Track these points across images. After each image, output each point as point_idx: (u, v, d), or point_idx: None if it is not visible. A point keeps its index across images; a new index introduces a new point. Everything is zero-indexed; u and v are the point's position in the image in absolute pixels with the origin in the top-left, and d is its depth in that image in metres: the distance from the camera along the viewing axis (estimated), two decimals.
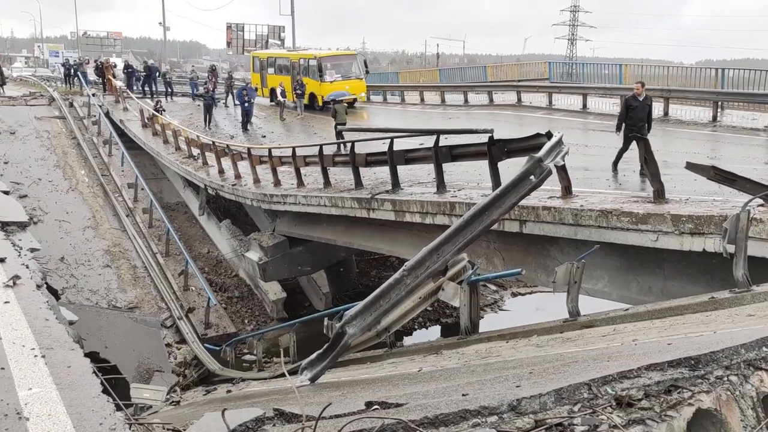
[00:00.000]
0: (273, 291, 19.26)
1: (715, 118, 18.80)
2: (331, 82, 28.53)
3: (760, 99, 18.43)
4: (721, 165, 9.76)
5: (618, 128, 12.07)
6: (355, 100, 29.03)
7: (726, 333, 4.06)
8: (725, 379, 3.16)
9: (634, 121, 11.76)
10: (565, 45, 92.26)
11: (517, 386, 3.45)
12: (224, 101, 32.48)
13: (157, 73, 36.07)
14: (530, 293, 21.86)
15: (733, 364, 3.21)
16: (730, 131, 17.49)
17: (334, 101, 22.34)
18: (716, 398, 3.07)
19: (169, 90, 35.13)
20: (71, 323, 5.21)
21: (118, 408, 3.32)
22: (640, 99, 11.79)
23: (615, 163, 11.98)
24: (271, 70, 32.63)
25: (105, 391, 3.41)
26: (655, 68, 27.26)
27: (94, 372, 3.57)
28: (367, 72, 30.49)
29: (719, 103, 19.19)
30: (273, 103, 30.17)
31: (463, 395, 3.52)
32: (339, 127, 19.97)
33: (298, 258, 18.40)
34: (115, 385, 3.91)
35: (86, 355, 4.02)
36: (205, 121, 26.55)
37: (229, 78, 34.05)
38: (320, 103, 28.54)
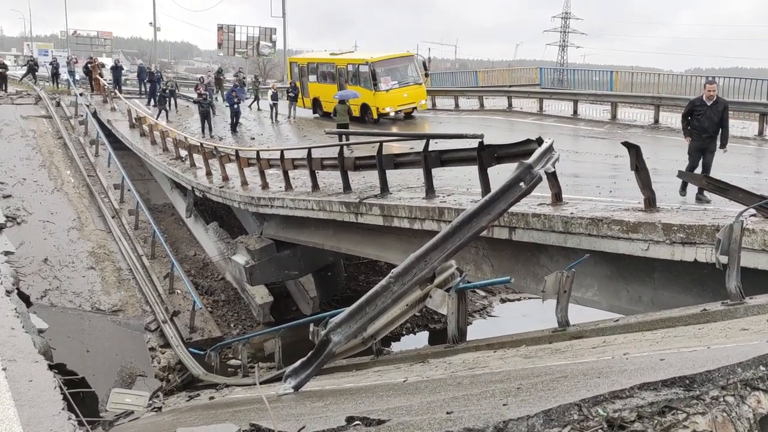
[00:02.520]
0: (260, 295, 19.05)
1: None
2: (387, 90, 24.51)
3: (750, 108, 18.43)
4: (712, 174, 9.69)
5: (686, 134, 10.07)
6: (414, 108, 25.54)
7: (720, 349, 3.93)
8: (721, 399, 3.02)
9: (699, 130, 9.64)
10: (556, 51, 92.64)
11: (503, 404, 3.30)
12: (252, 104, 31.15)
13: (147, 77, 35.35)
14: (519, 299, 21.75)
15: (729, 383, 3.07)
16: None
17: (339, 102, 22.07)
18: (712, 420, 2.93)
19: (172, 99, 30.74)
20: (41, 331, 4.99)
21: (81, 424, 3.13)
22: (709, 103, 9.56)
23: (684, 186, 9.55)
24: (312, 78, 28.37)
25: (69, 407, 3.22)
26: (646, 75, 27.26)
27: (59, 386, 3.38)
28: (426, 75, 26.43)
29: None
30: (317, 116, 27.19)
31: (447, 413, 3.37)
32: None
33: (285, 262, 18.20)
34: (83, 399, 3.71)
35: (53, 366, 3.82)
36: (203, 128, 25.05)
37: (256, 82, 32.49)
38: (375, 116, 24.67)
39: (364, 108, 25.03)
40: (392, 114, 24.72)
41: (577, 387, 3.42)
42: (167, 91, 29.88)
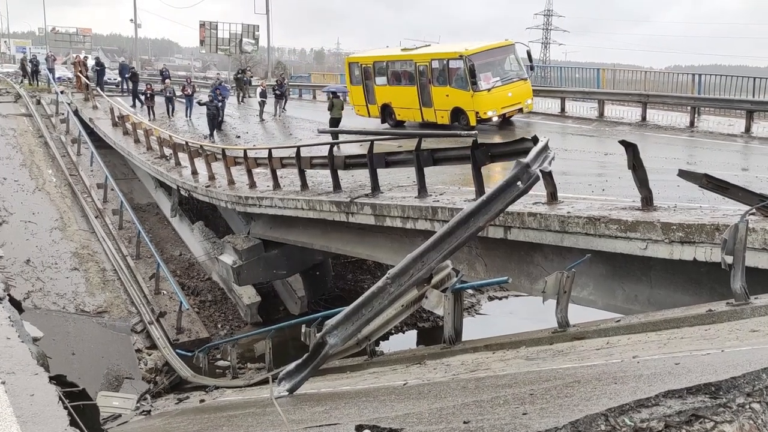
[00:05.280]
0: (247, 295, 18.87)
1: (692, 124, 18.90)
2: (489, 89, 19.81)
3: (738, 105, 18.55)
4: (700, 171, 9.68)
5: None
6: (519, 110, 21.04)
7: (736, 352, 3.87)
8: (747, 406, 2.95)
9: None
10: (538, 49, 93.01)
11: (523, 413, 3.20)
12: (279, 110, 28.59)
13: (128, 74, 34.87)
14: (506, 297, 21.78)
15: (755, 390, 3.00)
16: (708, 137, 17.60)
17: (334, 94, 21.72)
18: (739, 428, 2.85)
19: (170, 106, 28.69)
20: (36, 340, 4.82)
21: None
22: None
23: None
24: (380, 80, 23.26)
25: (73, 423, 3.08)
26: (630, 73, 27.35)
27: (61, 400, 3.23)
28: (531, 68, 21.74)
29: (696, 108, 19.29)
30: (387, 125, 22.81)
31: (464, 422, 3.27)
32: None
33: (273, 261, 18.06)
34: (84, 411, 3.57)
35: (52, 378, 3.67)
36: (211, 133, 23.89)
37: (282, 80, 30.78)
38: (473, 123, 19.78)
39: (456, 113, 20.45)
40: (495, 119, 20.36)
41: (596, 394, 3.34)
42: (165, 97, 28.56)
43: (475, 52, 20.00)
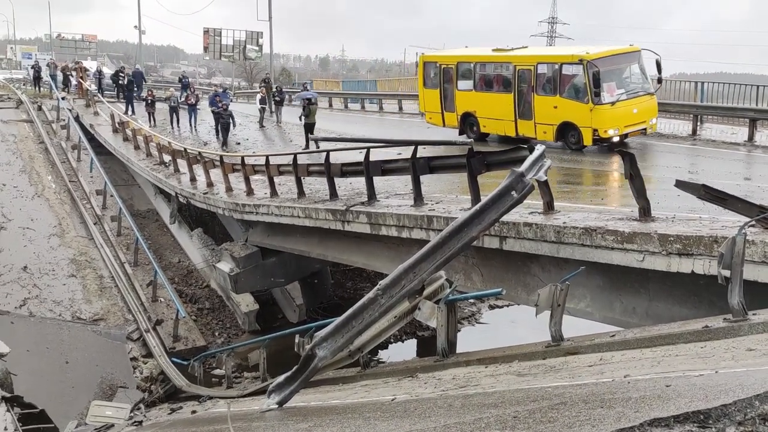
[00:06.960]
0: (245, 303, 18.71)
1: (695, 132, 18.71)
2: (613, 103, 16.42)
3: (741, 113, 18.37)
4: (701, 180, 9.50)
5: None
6: (643, 131, 17.52)
7: (730, 374, 3.69)
8: None
9: None
10: None
11: None
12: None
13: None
14: (507, 306, 21.51)
15: (747, 419, 2.82)
16: (710, 145, 17.41)
17: (309, 101, 21.66)
18: None
19: (175, 116, 27.69)
20: (2, 356, 4.65)
21: None
22: None
23: None
24: (463, 84, 20.05)
25: None
26: None
27: (14, 422, 3.06)
28: (659, 80, 17.94)
29: (699, 116, 19.10)
30: (467, 138, 19.13)
31: None
32: (312, 136, 19.78)
33: (271, 269, 17.89)
34: None
35: (10, 399, 3.50)
36: (222, 141, 23.55)
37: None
38: (587, 142, 16.76)
39: (565, 128, 17.20)
40: (616, 139, 16.73)
41: (579, 420, 3.16)
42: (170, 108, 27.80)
43: (599, 57, 16.67)
